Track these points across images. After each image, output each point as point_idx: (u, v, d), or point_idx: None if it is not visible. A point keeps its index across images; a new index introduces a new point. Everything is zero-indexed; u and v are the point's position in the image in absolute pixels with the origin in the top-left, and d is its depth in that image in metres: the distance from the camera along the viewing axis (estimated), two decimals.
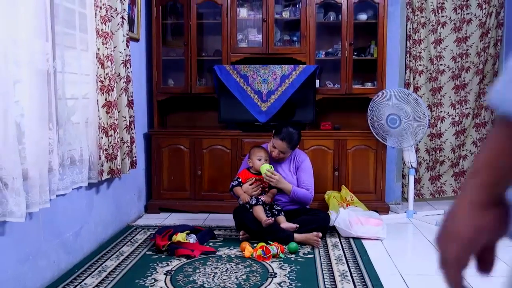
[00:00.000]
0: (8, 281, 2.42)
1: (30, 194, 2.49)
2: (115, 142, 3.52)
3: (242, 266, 3.12)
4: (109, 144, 3.47)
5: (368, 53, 4.75)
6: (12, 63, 2.35)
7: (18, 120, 2.45)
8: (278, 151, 3.77)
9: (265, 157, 3.75)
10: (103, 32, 3.33)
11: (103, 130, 3.41)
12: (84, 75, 3.23)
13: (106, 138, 3.44)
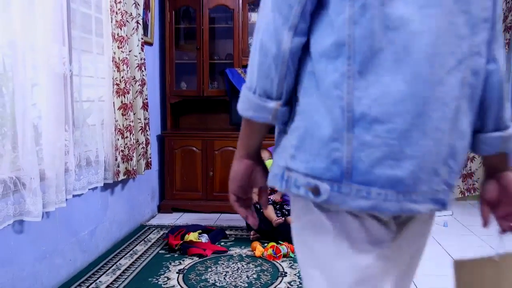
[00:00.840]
0: (26, 278, 2.44)
1: (46, 194, 2.51)
2: (131, 143, 3.53)
3: (253, 265, 3.12)
4: (125, 145, 3.49)
5: None
6: (30, 67, 2.37)
7: (35, 122, 2.47)
8: None
9: (268, 157, 3.76)
10: (118, 36, 3.35)
11: (119, 132, 3.43)
12: (100, 78, 3.24)
13: (122, 140, 3.45)
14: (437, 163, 0.97)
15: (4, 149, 2.24)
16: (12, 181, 2.26)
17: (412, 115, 0.91)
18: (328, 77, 0.93)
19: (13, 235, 2.34)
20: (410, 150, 0.92)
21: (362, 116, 0.90)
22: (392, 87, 0.90)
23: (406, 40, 0.90)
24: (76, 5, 2.96)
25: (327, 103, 0.92)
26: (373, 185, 0.92)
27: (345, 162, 0.92)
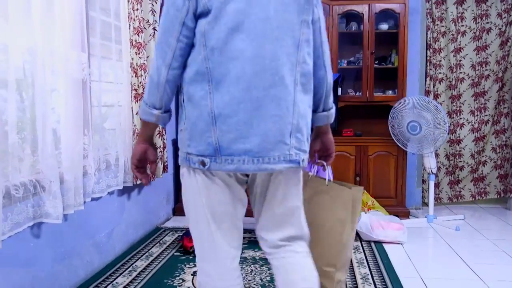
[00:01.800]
0: (45, 279, 2.44)
1: (65, 197, 2.51)
2: None
3: (267, 268, 3.09)
4: None
5: (389, 61, 4.69)
6: (49, 72, 2.37)
7: (54, 126, 2.47)
8: None
9: None
10: (136, 43, 3.35)
11: None
12: (118, 84, 3.24)
13: None
14: (282, 137, 1.49)
15: (24, 153, 2.24)
16: (32, 184, 2.26)
17: (250, 110, 1.44)
18: (197, 94, 1.47)
19: (33, 236, 2.34)
20: (253, 131, 1.45)
21: (219, 115, 1.44)
22: (236, 94, 1.43)
23: (244, 63, 1.44)
24: (96, 13, 2.97)
25: (199, 110, 1.46)
26: (234, 155, 1.46)
27: (214, 144, 1.46)
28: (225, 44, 1.44)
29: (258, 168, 1.48)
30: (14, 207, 2.14)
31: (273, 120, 1.47)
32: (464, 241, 3.77)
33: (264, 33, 1.46)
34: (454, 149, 5.01)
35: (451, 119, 4.96)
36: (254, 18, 1.46)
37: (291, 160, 1.52)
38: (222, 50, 1.44)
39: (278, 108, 1.48)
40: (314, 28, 1.61)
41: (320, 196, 2.02)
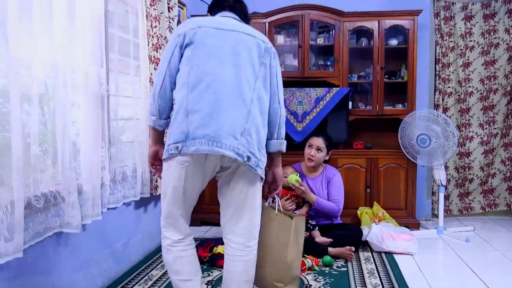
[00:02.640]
0: (63, 286, 2.45)
1: (84, 207, 2.53)
2: None
3: None
4: None
5: (398, 76, 4.69)
6: (70, 87, 2.41)
7: (74, 139, 2.50)
8: (315, 149, 3.78)
9: (290, 172, 3.74)
10: (155, 59, 3.39)
11: None
12: (136, 98, 3.28)
13: None
14: (234, 133, 1.97)
15: (45, 165, 2.27)
16: (52, 195, 2.29)
17: (213, 107, 1.97)
18: (179, 97, 2.01)
19: (53, 246, 2.36)
20: (213, 122, 1.96)
21: (191, 110, 1.97)
22: (204, 96, 1.98)
23: (214, 77, 2.00)
24: (114, 30, 3.01)
25: (178, 108, 2.00)
26: (197, 139, 1.95)
27: (186, 131, 1.96)
28: (203, 64, 2.02)
29: (212, 150, 1.96)
30: (35, 217, 2.16)
31: (229, 118, 1.99)
32: (474, 252, 3.72)
33: (231, 61, 2.04)
34: (464, 161, 4.97)
35: (460, 132, 4.93)
36: (225, 50, 2.05)
37: (238, 153, 1.99)
38: (199, 68, 2.01)
39: (235, 112, 2.00)
40: (271, 72, 2.15)
41: (271, 223, 2.41)
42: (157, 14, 3.41)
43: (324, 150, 3.79)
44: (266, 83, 2.11)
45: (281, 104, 2.16)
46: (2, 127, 1.97)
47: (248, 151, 2.00)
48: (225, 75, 2.01)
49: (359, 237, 3.68)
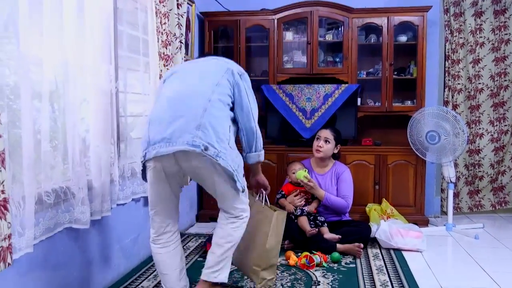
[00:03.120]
0: (73, 281, 2.48)
1: (93, 203, 2.55)
2: None
3: (287, 274, 3.08)
4: None
5: (407, 72, 4.67)
6: (79, 84, 2.42)
7: (83, 135, 2.52)
8: (322, 140, 3.78)
9: (299, 168, 3.74)
10: (164, 55, 3.40)
11: None
12: (145, 95, 3.29)
13: None
14: (188, 129, 2.17)
15: (55, 161, 2.29)
16: (63, 191, 2.31)
17: (171, 115, 2.22)
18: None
19: (63, 241, 2.38)
20: (170, 126, 2.19)
21: (151, 120, 2.29)
22: (163, 106, 2.29)
23: (175, 91, 2.32)
24: (124, 27, 3.03)
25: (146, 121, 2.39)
26: (156, 144, 2.19)
27: (148, 140, 2.23)
28: (167, 83, 2.43)
29: (168, 150, 2.17)
30: (45, 212, 2.18)
31: (184, 118, 2.19)
32: (483, 250, 3.70)
33: (196, 77, 2.37)
34: (474, 159, 4.94)
35: (470, 129, 4.89)
36: (193, 72, 2.42)
37: (194, 145, 2.15)
38: (166, 87, 2.41)
39: (189, 111, 2.22)
40: (241, 93, 2.38)
41: (258, 214, 2.70)
42: (166, 11, 3.42)
43: (331, 141, 3.79)
44: (225, 96, 2.34)
45: (255, 122, 2.42)
46: (13, 124, 1.99)
47: (206, 141, 2.17)
48: (185, 87, 2.33)
49: (367, 233, 3.68)
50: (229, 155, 2.25)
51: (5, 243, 1.73)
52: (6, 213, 1.72)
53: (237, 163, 2.31)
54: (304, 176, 3.62)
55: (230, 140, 2.31)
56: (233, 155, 2.30)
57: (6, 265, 1.74)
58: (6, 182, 1.72)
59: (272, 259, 2.69)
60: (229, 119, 2.34)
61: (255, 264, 2.67)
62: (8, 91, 1.96)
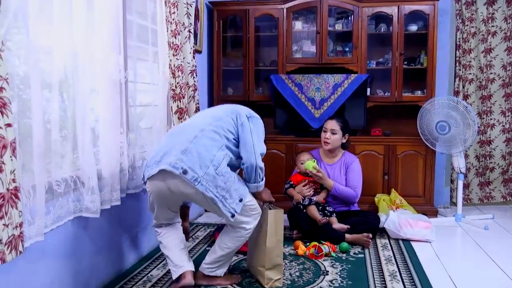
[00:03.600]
0: (84, 270, 2.50)
1: (103, 192, 2.57)
2: None
3: (296, 264, 3.09)
4: None
5: (418, 62, 4.63)
6: (89, 74, 2.43)
7: (93, 125, 2.53)
8: (329, 132, 3.77)
9: (308, 158, 3.73)
10: (173, 45, 3.39)
11: None
12: (154, 85, 3.30)
13: None
14: (176, 152, 2.39)
15: (65, 150, 2.31)
16: (73, 180, 2.33)
17: (166, 146, 2.50)
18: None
19: (73, 230, 2.40)
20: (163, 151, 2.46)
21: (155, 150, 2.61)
22: (165, 141, 2.61)
23: (172, 129, 2.87)
24: (133, 16, 3.03)
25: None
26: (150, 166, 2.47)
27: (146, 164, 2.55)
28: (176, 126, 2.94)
29: (155, 171, 2.42)
30: (56, 201, 2.20)
31: (174, 145, 2.45)
32: (493, 240, 3.69)
33: (199, 115, 2.79)
34: (485, 150, 4.90)
35: (481, 120, 4.85)
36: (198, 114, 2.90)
37: (174, 166, 2.36)
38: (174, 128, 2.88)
39: (181, 139, 2.47)
40: (244, 128, 2.58)
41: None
42: (175, 0, 3.41)
43: (338, 132, 3.77)
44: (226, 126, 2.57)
45: (257, 160, 2.55)
46: (23, 114, 2.00)
47: (187, 166, 2.36)
48: (187, 123, 2.70)
49: (376, 224, 3.67)
50: (212, 181, 2.39)
51: (17, 231, 1.75)
52: (17, 202, 1.74)
53: (225, 189, 2.42)
54: (313, 167, 3.62)
55: (220, 167, 2.42)
56: (220, 181, 2.41)
57: (17, 253, 1.76)
58: (17, 171, 1.74)
59: (276, 258, 2.71)
60: (223, 148, 2.50)
61: (260, 264, 2.72)
62: (18, 81, 1.97)
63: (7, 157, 1.68)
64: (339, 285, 2.72)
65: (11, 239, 1.72)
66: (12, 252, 1.73)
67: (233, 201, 2.46)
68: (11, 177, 1.71)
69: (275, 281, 2.70)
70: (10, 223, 1.71)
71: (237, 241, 2.62)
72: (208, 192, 2.38)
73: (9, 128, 1.68)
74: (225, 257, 2.67)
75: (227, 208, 2.45)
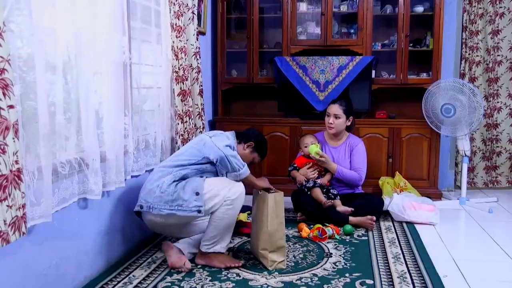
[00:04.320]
0: (89, 251, 2.53)
1: (107, 174, 2.58)
2: (190, 127, 3.57)
3: (299, 246, 3.11)
4: (185, 129, 3.53)
5: (423, 44, 4.59)
6: (92, 56, 2.42)
7: (97, 107, 2.53)
8: (332, 117, 3.75)
9: (311, 142, 3.73)
10: (176, 26, 3.37)
11: (179, 117, 3.47)
12: (157, 66, 3.29)
13: (182, 124, 3.49)
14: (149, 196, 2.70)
15: (69, 132, 2.31)
16: (77, 162, 2.34)
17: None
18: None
19: (78, 211, 2.42)
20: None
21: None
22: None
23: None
24: None
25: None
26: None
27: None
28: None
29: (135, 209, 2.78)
30: (60, 183, 2.22)
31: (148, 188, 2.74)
32: (497, 223, 3.70)
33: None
34: (491, 133, 4.87)
35: (488, 103, 4.81)
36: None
37: (137, 205, 2.75)
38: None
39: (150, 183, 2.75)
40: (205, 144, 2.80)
41: (259, 201, 2.83)
42: None
43: (342, 116, 3.76)
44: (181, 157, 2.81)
45: (224, 150, 2.72)
46: (27, 96, 2.00)
47: (143, 200, 2.71)
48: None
49: (380, 206, 3.68)
50: (160, 201, 2.64)
51: (20, 212, 1.76)
52: (20, 183, 1.75)
53: (175, 199, 2.62)
54: (316, 152, 3.61)
55: (163, 186, 2.66)
56: (166, 196, 2.64)
57: (21, 234, 1.78)
58: (19, 152, 1.74)
59: (278, 241, 2.73)
60: (172, 171, 2.72)
61: (262, 247, 2.75)
62: (21, 63, 1.97)
63: (9, 139, 1.68)
64: (343, 267, 2.74)
65: (14, 220, 1.73)
66: (15, 233, 1.74)
67: (190, 200, 2.61)
68: (14, 158, 1.71)
69: (279, 263, 2.72)
70: (13, 204, 1.72)
71: (224, 215, 2.66)
72: (163, 211, 2.63)
73: (12, 110, 1.68)
74: (219, 232, 2.69)
75: (189, 210, 2.60)
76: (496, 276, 2.67)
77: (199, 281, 2.52)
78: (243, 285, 2.48)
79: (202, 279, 2.55)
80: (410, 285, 2.47)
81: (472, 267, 2.79)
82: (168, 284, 2.49)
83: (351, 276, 2.60)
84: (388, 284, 2.50)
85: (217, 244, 2.71)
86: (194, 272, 2.64)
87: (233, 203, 2.65)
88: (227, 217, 2.66)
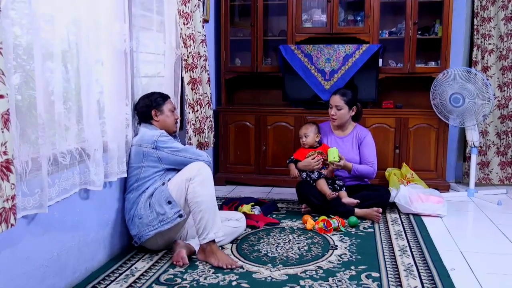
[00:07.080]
0: (91, 243, 2.54)
1: (109, 164, 2.58)
2: (202, 116, 3.55)
3: (304, 238, 3.12)
4: (196, 118, 3.51)
5: (432, 32, 4.55)
6: (93, 44, 2.41)
7: (98, 97, 2.52)
8: (335, 109, 3.73)
9: (310, 132, 3.69)
10: (184, 13, 3.33)
11: (190, 106, 3.45)
12: (159, 55, 3.27)
13: (193, 113, 3.47)
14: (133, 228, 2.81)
15: (70, 122, 2.31)
16: (78, 152, 2.33)
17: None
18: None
19: (80, 202, 2.43)
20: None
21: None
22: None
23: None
24: None
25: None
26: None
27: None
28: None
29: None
30: (61, 173, 2.21)
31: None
32: (506, 216, 3.69)
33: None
34: (506, 125, 4.67)
35: (502, 93, 4.66)
36: None
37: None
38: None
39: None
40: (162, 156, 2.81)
41: None
42: None
43: (344, 107, 3.72)
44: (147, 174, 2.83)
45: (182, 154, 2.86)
46: (26, 85, 2.00)
47: (132, 234, 2.81)
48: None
49: (386, 198, 3.67)
50: (142, 226, 2.71)
51: (8, 204, 1.72)
52: (9, 175, 1.71)
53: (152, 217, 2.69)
54: (334, 158, 3.49)
55: (140, 212, 2.73)
56: (146, 219, 2.71)
57: (8, 226, 1.75)
58: (9, 143, 1.70)
59: None
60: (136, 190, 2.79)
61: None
62: (20, 51, 1.96)
63: None
64: (348, 260, 2.74)
65: (1, 212, 1.70)
66: (2, 225, 1.72)
67: (167, 211, 2.67)
68: (2, 149, 1.66)
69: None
70: (1, 195, 1.69)
71: (196, 198, 2.66)
72: (151, 233, 2.70)
73: (1, 100, 1.64)
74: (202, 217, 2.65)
75: (172, 220, 2.67)
76: (504, 270, 2.66)
77: (201, 273, 2.53)
78: (247, 277, 2.48)
79: (205, 272, 2.55)
80: (417, 278, 2.47)
81: (480, 260, 2.79)
82: (170, 276, 2.50)
83: (356, 269, 2.60)
84: (394, 277, 2.50)
85: (209, 233, 2.65)
86: (197, 265, 2.64)
87: (193, 178, 2.67)
88: (199, 198, 2.65)
